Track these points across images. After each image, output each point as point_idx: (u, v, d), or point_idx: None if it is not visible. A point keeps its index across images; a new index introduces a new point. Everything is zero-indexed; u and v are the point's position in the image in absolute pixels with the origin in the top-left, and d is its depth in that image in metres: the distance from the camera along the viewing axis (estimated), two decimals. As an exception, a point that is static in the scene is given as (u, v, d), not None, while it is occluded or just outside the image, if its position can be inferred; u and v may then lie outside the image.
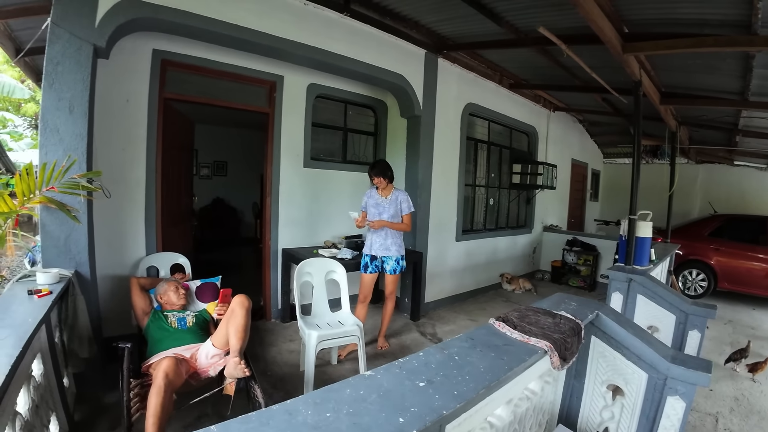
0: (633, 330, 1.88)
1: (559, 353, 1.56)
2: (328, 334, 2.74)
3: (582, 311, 1.95)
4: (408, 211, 3.41)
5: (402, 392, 1.07)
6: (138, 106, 3.14)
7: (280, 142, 3.90)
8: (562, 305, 2.06)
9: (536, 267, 6.49)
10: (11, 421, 1.50)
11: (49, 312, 2.01)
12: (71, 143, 2.44)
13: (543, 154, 6.11)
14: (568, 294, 2.25)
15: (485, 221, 5.53)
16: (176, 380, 2.00)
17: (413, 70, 4.11)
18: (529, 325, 1.72)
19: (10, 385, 1.45)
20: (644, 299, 3.20)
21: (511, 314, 1.86)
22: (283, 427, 0.86)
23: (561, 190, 6.90)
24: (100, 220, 2.94)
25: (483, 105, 5.00)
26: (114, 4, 2.49)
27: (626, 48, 2.89)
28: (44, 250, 2.43)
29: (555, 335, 1.61)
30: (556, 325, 1.73)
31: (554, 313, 1.87)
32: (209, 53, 3.39)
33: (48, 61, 2.35)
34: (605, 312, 1.97)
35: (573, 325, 1.74)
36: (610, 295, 3.32)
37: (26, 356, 1.71)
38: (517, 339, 1.60)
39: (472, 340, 1.56)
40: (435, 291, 4.65)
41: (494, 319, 1.77)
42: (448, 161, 4.64)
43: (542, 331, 1.65)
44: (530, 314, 1.89)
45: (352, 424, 0.89)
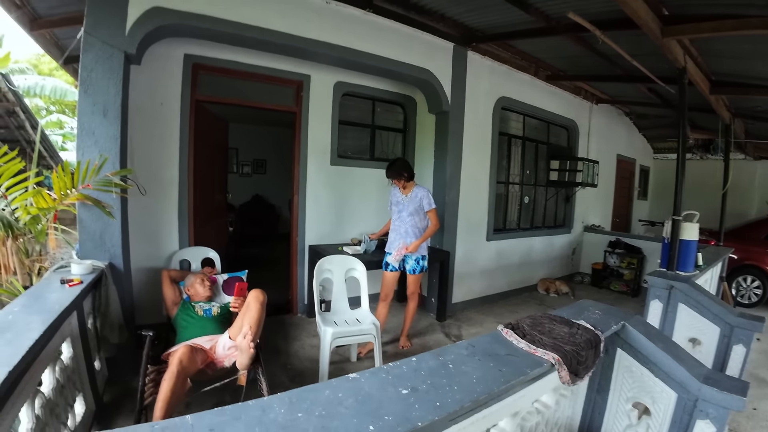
0: (663, 344, 1.66)
1: (568, 367, 1.40)
2: (344, 331, 2.69)
3: (605, 321, 1.76)
4: (429, 208, 3.28)
5: (381, 399, 1.03)
6: (171, 109, 3.26)
7: (307, 141, 3.91)
8: (585, 313, 1.88)
9: (576, 269, 6.04)
10: (31, 399, 1.58)
11: (80, 300, 2.14)
12: (105, 144, 2.57)
13: (584, 149, 5.65)
14: (597, 301, 2.06)
15: (519, 220, 5.22)
16: (190, 367, 2.04)
17: (440, 64, 3.95)
18: (541, 335, 1.57)
19: (33, 365, 1.54)
20: (686, 309, 2.85)
21: (524, 321, 1.71)
22: (252, 424, 0.86)
23: (604, 187, 6.38)
24: (136, 216, 3.11)
25: (517, 98, 4.71)
26: (142, 12, 2.59)
27: (666, 32, 2.55)
28: (81, 243, 2.59)
29: (567, 347, 1.45)
30: (572, 336, 1.56)
31: (572, 322, 1.70)
32: (238, 56, 3.45)
33: (83, 68, 2.49)
34: (633, 323, 1.76)
35: (591, 337, 1.57)
36: (649, 303, 3.00)
37: (54, 339, 1.82)
38: (523, 349, 1.46)
39: (473, 348, 1.45)
40: (463, 291, 4.47)
41: (503, 325, 1.64)
42: (478, 158, 4.42)
43: (554, 341, 1.49)
44: (545, 322, 1.73)
45: (321, 426, 0.87)
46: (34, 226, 2.33)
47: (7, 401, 1.32)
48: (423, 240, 3.29)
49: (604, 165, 6.08)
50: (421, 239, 3.28)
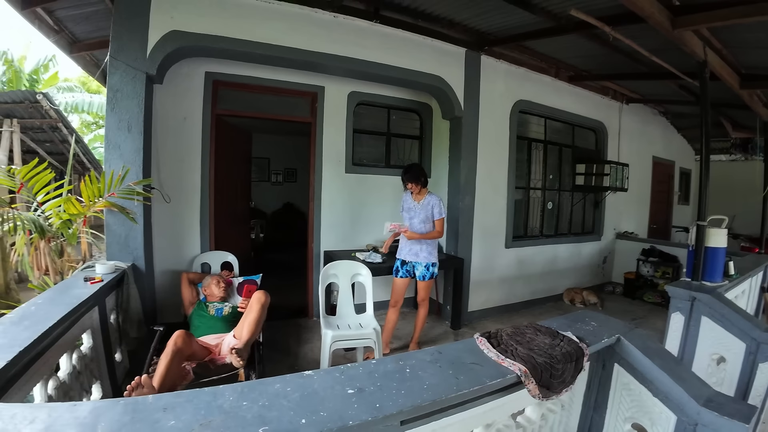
0: (661, 361, 1.52)
1: (538, 380, 1.32)
2: (343, 335, 2.72)
3: (597, 334, 1.65)
4: (439, 216, 3.25)
5: (326, 396, 1.05)
6: (194, 123, 3.50)
7: (322, 150, 4.03)
8: (578, 325, 1.77)
9: (607, 278, 5.65)
10: (45, 380, 1.75)
11: (102, 296, 2.35)
12: (130, 157, 2.81)
13: (614, 151, 5.31)
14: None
15: (542, 227, 5.00)
16: (185, 348, 2.16)
17: (452, 70, 3.92)
18: (517, 345, 1.49)
19: (49, 350, 1.73)
20: (710, 322, 2.60)
21: (505, 330, 1.65)
22: (200, 407, 0.93)
23: (639, 192, 5.96)
24: (162, 222, 3.36)
25: (536, 101, 4.55)
26: (161, 36, 2.82)
27: (677, 23, 2.37)
28: (108, 246, 2.83)
29: (540, 359, 1.37)
30: (551, 348, 1.47)
31: (558, 333, 1.61)
32: (254, 71, 3.64)
33: (109, 88, 2.75)
34: (630, 337, 1.62)
35: (572, 350, 1.47)
36: (670, 316, 2.77)
37: (72, 330, 2.02)
38: (492, 359, 1.40)
39: (439, 354, 1.41)
40: (481, 300, 4.34)
41: (479, 334, 1.59)
42: (495, 163, 4.31)
43: (528, 352, 1.42)
44: (528, 332, 1.65)
45: (258, 415, 0.92)
46: (66, 230, 2.59)
47: (20, 378, 1.48)
48: (420, 237, 3.23)
49: (638, 168, 5.68)
50: (421, 236, 3.23)
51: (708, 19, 2.31)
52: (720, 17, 2.26)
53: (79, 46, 3.64)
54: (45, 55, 7.15)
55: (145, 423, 0.87)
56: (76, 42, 3.60)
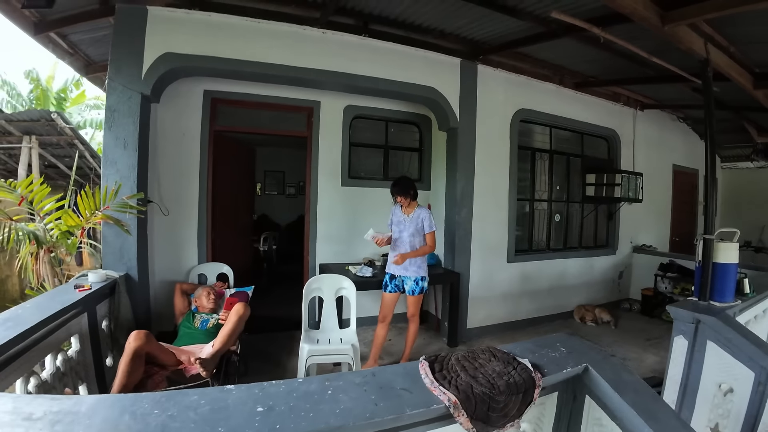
0: (634, 396, 1.32)
1: (470, 412, 1.20)
2: (320, 349, 2.72)
3: (562, 362, 1.45)
4: (429, 230, 3.21)
5: (233, 412, 1.04)
6: (192, 139, 3.68)
7: (318, 163, 4.11)
8: (545, 350, 1.55)
9: (624, 295, 5.31)
10: (26, 377, 1.86)
11: (92, 303, 2.51)
12: (125, 172, 2.99)
13: (628, 160, 5.05)
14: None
15: (549, 240, 4.80)
16: (142, 348, 2.22)
17: (446, 80, 3.90)
18: (462, 371, 1.34)
19: (31, 350, 1.87)
20: (716, 348, 2.37)
21: (456, 354, 1.52)
22: (116, 411, 0.99)
23: (658, 202, 5.61)
24: (160, 233, 3.54)
25: (540, 110, 4.43)
26: (156, 58, 3.01)
27: (667, 18, 2.24)
28: (104, 256, 3.01)
29: (478, 389, 1.24)
30: (499, 377, 1.32)
31: (514, 359, 1.43)
32: (252, 88, 3.79)
33: (107, 108, 2.96)
34: (600, 367, 1.44)
35: (522, 380, 1.32)
36: (673, 340, 2.55)
37: (58, 333, 2.16)
38: (426, 385, 1.31)
39: (372, 377, 1.33)
40: (481, 316, 4.20)
41: (425, 357, 1.50)
42: (494, 174, 4.21)
43: (469, 381, 1.29)
44: (482, 357, 1.50)
45: (161, 424, 0.94)
46: (65, 241, 2.77)
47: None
48: (413, 255, 3.19)
49: (657, 177, 5.36)
50: (412, 254, 3.19)
51: (701, 11, 2.16)
52: (714, 8, 2.10)
53: (94, 67, 3.93)
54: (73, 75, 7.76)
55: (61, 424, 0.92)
56: (92, 63, 3.91)
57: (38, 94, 7.20)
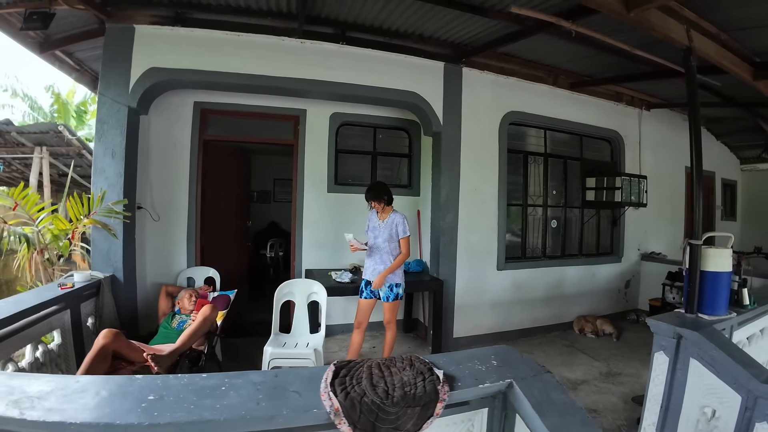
0: (557, 419, 1.21)
1: (353, 421, 1.15)
2: (281, 352, 2.80)
3: (485, 376, 1.37)
4: (403, 235, 3.23)
5: (126, 398, 1.12)
6: (182, 149, 3.93)
7: (304, 170, 4.24)
8: (474, 362, 1.46)
9: (632, 305, 5.02)
10: (2, 364, 2.08)
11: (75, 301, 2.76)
12: (113, 180, 3.25)
13: (634, 163, 4.80)
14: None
15: (544, 247, 4.64)
16: (109, 345, 2.37)
17: (429, 85, 3.93)
18: (368, 378, 1.30)
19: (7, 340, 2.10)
20: (699, 367, 2.18)
21: (374, 360, 1.45)
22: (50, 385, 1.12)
23: (671, 207, 5.32)
24: (151, 238, 3.79)
25: (532, 112, 4.34)
26: (142, 73, 3.27)
27: (631, 3, 2.16)
28: (93, 258, 3.26)
29: (369, 397, 1.20)
30: (401, 387, 1.26)
31: (430, 369, 1.35)
32: (240, 99, 4.01)
33: (98, 121, 3.24)
34: (528, 384, 1.33)
35: (424, 393, 1.24)
36: (653, 356, 2.38)
37: (38, 326, 2.41)
38: (320, 388, 1.30)
39: (274, 378, 1.28)
40: (469, 326, 4.13)
41: (336, 362, 1.47)
42: (482, 179, 4.16)
43: (368, 389, 1.24)
44: (398, 365, 1.41)
45: (48, 409, 1.03)
46: (57, 243, 3.04)
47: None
48: (389, 272, 3.21)
49: (668, 181, 5.07)
50: (387, 271, 3.21)
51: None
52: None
53: (102, 82, 4.29)
54: (97, 89, 8.43)
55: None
56: (98, 79, 4.26)
57: (58, 108, 7.88)
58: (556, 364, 3.67)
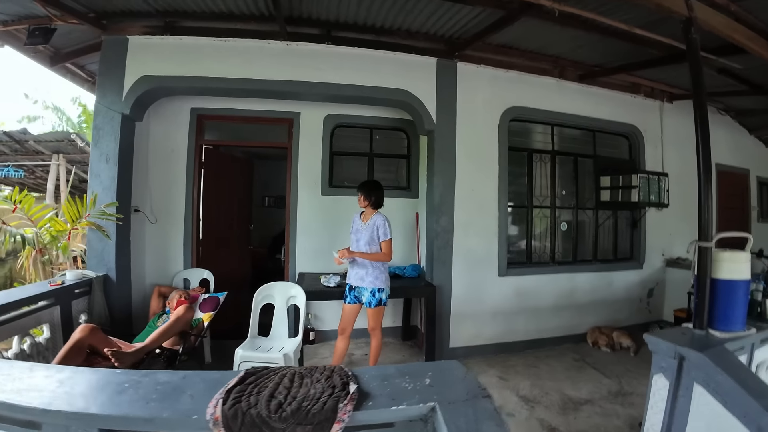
0: None
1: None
2: (250, 355, 2.80)
3: (406, 396, 1.22)
4: (384, 238, 3.15)
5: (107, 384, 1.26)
6: (180, 154, 4.10)
7: (298, 173, 4.28)
8: (403, 378, 1.32)
9: (656, 316, 4.54)
10: None
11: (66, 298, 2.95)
12: (107, 184, 3.44)
13: (655, 160, 4.38)
14: (459, 365, 1.38)
15: (553, 252, 4.33)
16: (85, 339, 2.50)
17: (420, 81, 3.84)
18: (271, 389, 1.23)
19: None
20: (705, 394, 1.84)
21: (295, 369, 1.38)
22: None
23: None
24: (150, 240, 3.97)
25: (536, 107, 4.11)
26: (134, 81, 3.45)
27: None
28: (89, 257, 3.46)
29: (257, 410, 1.14)
30: (299, 401, 1.18)
31: (346, 383, 1.26)
32: (235, 103, 4.14)
33: (94, 127, 3.46)
34: (452, 410, 1.17)
35: (322, 410, 1.14)
36: (651, 379, 2.04)
37: (26, 319, 2.61)
38: (215, 395, 1.20)
39: (182, 379, 1.28)
40: (467, 335, 3.93)
41: (249, 369, 1.42)
42: (479, 179, 3.98)
43: (261, 400, 1.17)
44: (315, 375, 1.34)
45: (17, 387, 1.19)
46: (56, 244, 3.25)
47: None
48: (361, 256, 3.13)
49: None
50: (360, 254, 3.14)
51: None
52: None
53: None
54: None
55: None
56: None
57: (86, 118, 8.50)
58: (560, 380, 3.39)
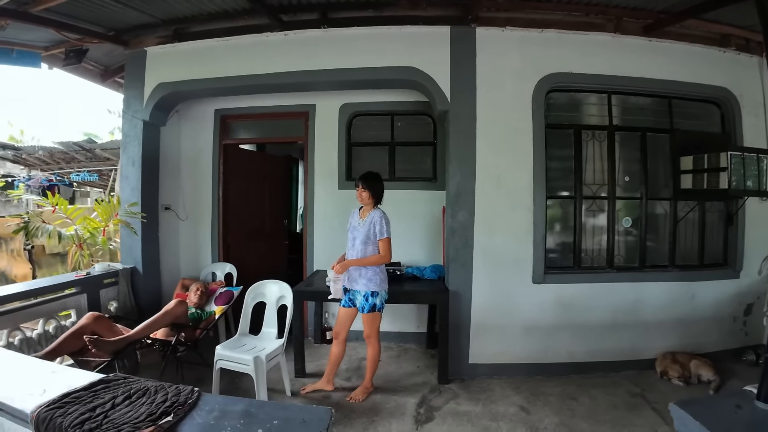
0: None
1: None
2: (226, 354, 2.82)
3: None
4: (381, 236, 2.95)
5: None
6: (206, 154, 4.40)
7: (314, 167, 4.25)
8: (253, 420, 1.13)
9: (753, 339, 3.37)
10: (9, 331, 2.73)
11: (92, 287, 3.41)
12: (134, 184, 3.87)
13: (758, 133, 3.17)
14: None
15: (611, 254, 3.50)
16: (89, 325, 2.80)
17: (431, 55, 3.42)
18: (88, 404, 1.21)
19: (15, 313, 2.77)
20: None
21: (139, 384, 1.35)
22: None
23: None
24: (183, 236, 4.36)
25: (583, 72, 3.35)
26: (152, 89, 3.79)
27: None
28: (121, 252, 3.95)
29: (62, 423, 1.12)
30: (111, 424, 1.13)
31: (166, 412, 1.18)
32: (251, 101, 4.29)
33: (123, 134, 3.90)
34: None
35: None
36: None
37: (51, 304, 3.07)
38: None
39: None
40: (492, 351, 3.44)
41: (107, 375, 1.43)
42: (508, 165, 3.40)
43: (73, 415, 1.15)
44: (158, 396, 1.27)
45: None
46: (94, 239, 3.74)
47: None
48: (356, 263, 2.95)
49: None
50: (354, 261, 2.96)
51: None
52: None
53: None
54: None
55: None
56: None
57: None
58: (600, 422, 2.72)
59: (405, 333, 4.22)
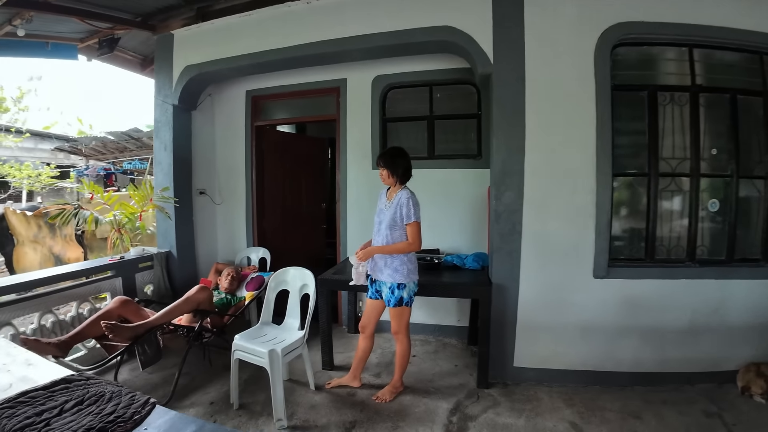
0: None
1: None
2: (243, 345, 2.74)
3: None
4: (408, 220, 2.66)
5: None
6: (238, 136, 4.37)
7: (346, 146, 4.04)
8: None
9: None
10: (42, 313, 2.89)
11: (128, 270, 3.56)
12: (166, 169, 3.95)
13: None
14: None
15: (692, 245, 2.88)
16: (116, 309, 2.89)
17: (469, 11, 2.99)
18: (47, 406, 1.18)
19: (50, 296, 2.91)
20: None
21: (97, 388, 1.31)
22: None
23: None
24: (220, 220, 4.45)
25: (658, 20, 2.74)
26: (180, 72, 3.78)
27: None
28: (157, 236, 4.06)
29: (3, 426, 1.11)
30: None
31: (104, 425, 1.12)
32: (280, 79, 4.16)
33: (154, 120, 3.96)
34: None
35: None
36: None
37: (86, 287, 3.21)
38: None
39: None
40: (541, 354, 3.06)
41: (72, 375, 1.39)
42: (565, 136, 2.92)
43: (18, 419, 1.13)
44: (110, 404, 1.22)
45: None
46: (132, 224, 3.87)
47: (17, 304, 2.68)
48: (381, 251, 2.72)
49: None
50: (379, 249, 2.73)
51: None
52: None
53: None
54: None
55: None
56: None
57: None
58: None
59: (445, 326, 3.95)
